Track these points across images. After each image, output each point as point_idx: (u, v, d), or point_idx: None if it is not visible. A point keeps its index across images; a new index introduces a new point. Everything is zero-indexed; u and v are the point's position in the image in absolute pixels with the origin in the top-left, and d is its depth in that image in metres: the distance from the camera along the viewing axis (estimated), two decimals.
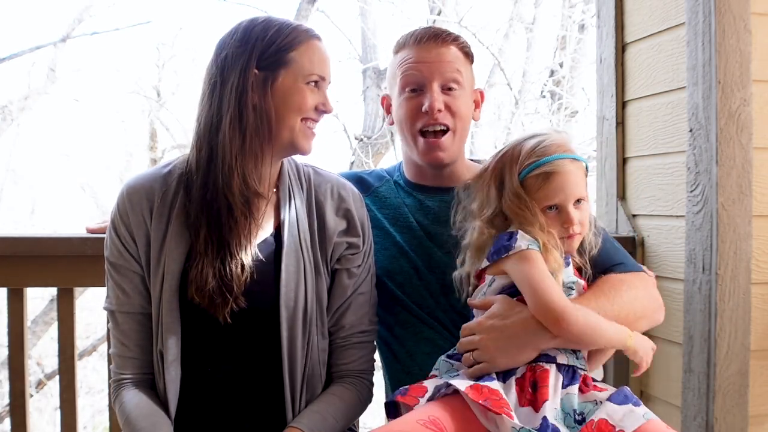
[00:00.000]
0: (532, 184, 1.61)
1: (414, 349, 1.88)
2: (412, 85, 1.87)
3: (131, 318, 1.69)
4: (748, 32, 2.02)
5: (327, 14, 7.70)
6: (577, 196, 1.63)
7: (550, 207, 1.61)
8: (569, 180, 1.61)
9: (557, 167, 1.61)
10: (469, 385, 1.48)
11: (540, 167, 1.61)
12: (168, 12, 13.15)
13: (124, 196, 1.69)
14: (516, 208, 1.61)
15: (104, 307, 1.74)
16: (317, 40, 1.69)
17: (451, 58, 1.88)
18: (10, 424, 2.15)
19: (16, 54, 8.02)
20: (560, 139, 1.66)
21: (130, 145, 9.20)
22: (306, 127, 1.67)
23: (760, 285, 2.08)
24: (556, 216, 1.62)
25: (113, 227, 1.70)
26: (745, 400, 2.05)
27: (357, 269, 1.76)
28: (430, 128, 1.86)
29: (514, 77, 7.61)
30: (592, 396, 1.53)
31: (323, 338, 1.74)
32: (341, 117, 7.54)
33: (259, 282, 1.67)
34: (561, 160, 1.62)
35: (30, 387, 2.71)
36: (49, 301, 6.97)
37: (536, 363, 1.55)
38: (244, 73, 1.61)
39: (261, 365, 1.69)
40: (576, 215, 1.62)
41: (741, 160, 2.03)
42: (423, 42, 1.88)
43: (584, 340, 1.57)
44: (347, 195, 1.78)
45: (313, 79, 1.66)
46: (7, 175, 9.06)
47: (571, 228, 1.62)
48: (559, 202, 1.61)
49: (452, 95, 1.87)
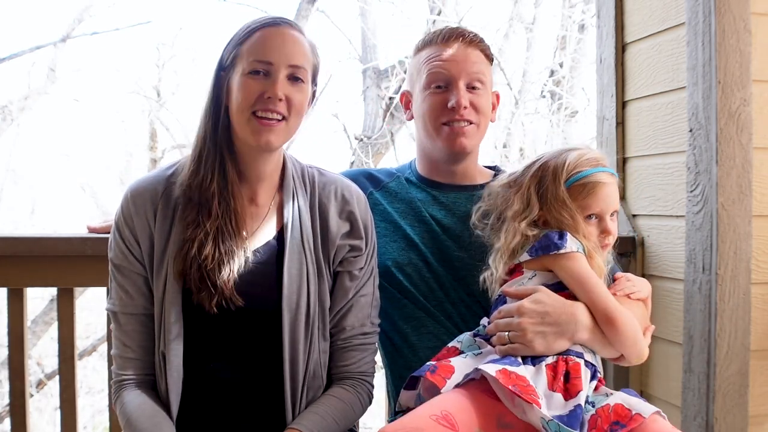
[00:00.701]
0: (578, 193, 1.69)
1: (417, 344, 1.90)
2: (438, 82, 1.92)
3: (134, 319, 1.69)
4: (748, 32, 2.02)
5: (327, 14, 7.69)
6: (614, 209, 1.73)
7: (590, 216, 1.70)
8: (610, 192, 1.72)
9: (602, 178, 1.71)
10: (498, 370, 1.51)
11: (586, 177, 1.70)
12: (168, 12, 13.16)
13: (128, 199, 1.69)
14: (560, 215, 1.69)
15: (107, 308, 1.74)
16: (272, 27, 1.64)
17: (477, 59, 1.95)
18: (10, 424, 2.15)
19: (16, 54, 8.02)
20: (600, 155, 1.77)
21: (130, 145, 9.20)
22: (257, 121, 1.61)
23: (760, 285, 2.08)
24: (595, 225, 1.71)
25: (117, 230, 1.70)
26: (745, 400, 2.05)
27: (359, 272, 1.76)
28: (455, 124, 1.91)
29: (514, 77, 7.61)
30: (603, 390, 1.60)
31: (324, 340, 1.74)
32: (341, 117, 7.55)
33: (261, 283, 1.67)
34: (604, 173, 1.72)
35: (30, 387, 2.71)
36: (49, 301, 6.97)
37: (567, 355, 1.60)
38: (216, 73, 1.66)
39: (263, 367, 1.68)
40: (613, 226, 1.72)
41: (741, 160, 2.03)
42: (451, 41, 1.94)
43: (625, 343, 1.64)
44: (351, 197, 1.77)
45: (256, 68, 1.61)
46: (7, 175, 9.06)
47: (608, 238, 1.72)
48: (600, 212, 1.70)
49: (476, 93, 1.93)
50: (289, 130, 1.65)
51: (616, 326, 1.62)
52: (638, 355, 1.67)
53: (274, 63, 1.61)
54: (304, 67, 1.65)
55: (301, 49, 1.65)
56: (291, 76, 1.63)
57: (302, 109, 1.66)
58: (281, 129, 1.63)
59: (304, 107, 1.67)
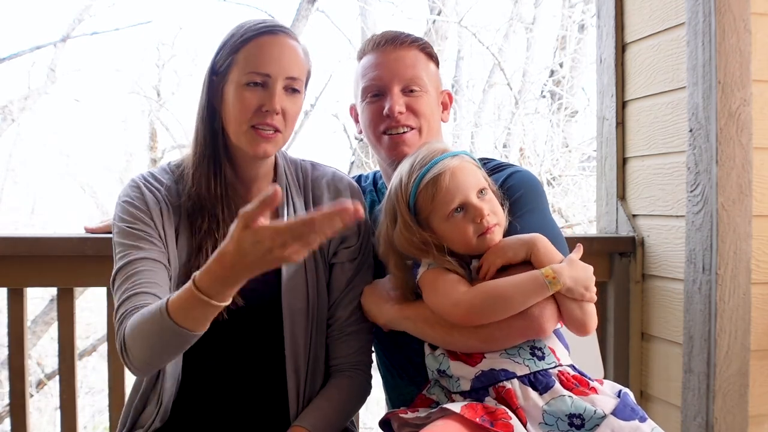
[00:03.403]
0: (425, 197, 1.55)
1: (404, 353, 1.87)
2: (373, 90, 1.84)
3: (149, 263, 1.57)
4: (748, 32, 2.02)
5: (327, 14, 7.69)
6: (477, 187, 1.55)
7: (456, 210, 1.54)
8: (459, 175, 1.54)
9: (442, 167, 1.54)
10: (463, 405, 1.44)
11: (425, 176, 1.55)
12: (168, 12, 13.14)
13: (140, 188, 1.65)
14: (407, 244, 1.56)
15: (112, 273, 1.61)
16: (269, 36, 1.61)
17: (411, 60, 1.84)
18: (10, 424, 2.15)
19: (16, 54, 8.02)
20: (433, 147, 1.61)
21: (130, 145, 9.20)
22: (255, 132, 1.60)
23: (760, 285, 2.08)
24: (464, 217, 1.54)
25: (130, 202, 1.63)
26: (745, 400, 2.05)
27: (351, 263, 1.76)
28: (393, 131, 1.82)
29: (514, 77, 7.61)
30: (591, 399, 1.45)
31: (323, 334, 1.74)
32: (341, 117, 7.55)
33: (260, 281, 1.67)
34: (442, 161, 1.56)
35: (30, 387, 2.72)
36: (49, 301, 6.96)
37: (498, 384, 1.48)
38: (208, 77, 1.64)
39: (264, 364, 1.69)
40: (484, 205, 1.54)
41: (741, 160, 2.03)
42: (381, 46, 1.85)
43: (498, 311, 1.49)
44: (344, 188, 1.77)
45: (254, 80, 1.59)
46: (7, 175, 9.06)
47: (484, 220, 1.53)
48: (460, 200, 1.53)
49: (414, 96, 1.83)
50: (284, 138, 1.66)
51: (468, 316, 1.49)
52: (541, 285, 1.47)
53: (272, 75, 1.59)
54: (300, 78, 1.64)
55: (297, 58, 1.64)
56: (288, 88, 1.62)
57: (296, 118, 1.67)
58: (277, 139, 1.63)
59: (297, 117, 1.68)
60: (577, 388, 1.47)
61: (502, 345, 1.52)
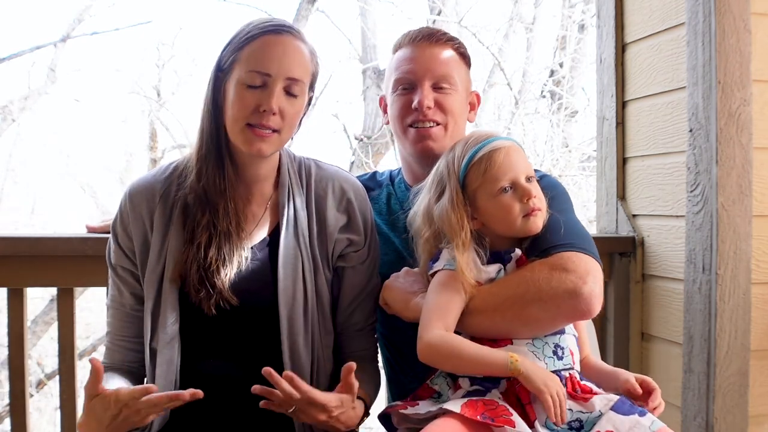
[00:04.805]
0: (477, 171, 1.58)
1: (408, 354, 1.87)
2: (404, 83, 1.88)
3: (122, 314, 1.73)
4: (748, 32, 2.02)
5: (327, 14, 7.69)
6: (526, 173, 1.59)
7: (505, 189, 1.57)
8: (513, 155, 1.58)
9: (496, 145, 1.58)
10: (463, 404, 1.44)
11: (478, 153, 1.58)
12: (168, 12, 13.15)
13: (126, 197, 1.72)
14: (446, 218, 1.58)
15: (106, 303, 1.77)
16: (273, 35, 1.61)
17: (444, 58, 1.88)
18: (10, 424, 2.15)
19: (16, 54, 8.02)
20: (487, 131, 1.67)
21: (130, 145, 9.20)
22: (250, 131, 1.61)
23: (760, 285, 2.08)
24: (512, 196, 1.57)
25: (113, 229, 1.72)
26: (745, 400, 2.05)
27: (362, 266, 1.76)
28: (419, 124, 1.86)
29: (514, 77, 7.61)
30: (591, 406, 1.47)
31: (327, 333, 1.73)
32: (341, 117, 7.55)
33: (257, 281, 1.67)
34: (496, 141, 1.60)
35: (30, 387, 2.71)
36: (49, 301, 6.96)
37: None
38: (214, 74, 1.65)
39: (262, 363, 1.68)
40: (534, 188, 1.58)
41: (741, 160, 2.03)
42: (417, 41, 1.89)
43: (446, 366, 1.54)
44: (349, 189, 1.77)
45: (254, 78, 1.59)
46: (7, 175, 9.06)
47: (531, 201, 1.56)
48: (511, 178, 1.57)
49: (444, 93, 1.87)
50: (281, 140, 1.65)
51: (420, 345, 1.52)
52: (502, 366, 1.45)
53: (272, 75, 1.59)
54: (302, 80, 1.63)
55: (300, 60, 1.63)
56: (287, 89, 1.62)
57: (295, 120, 1.66)
58: (274, 139, 1.63)
59: (298, 119, 1.68)
60: (578, 395, 1.50)
61: (549, 328, 1.55)
